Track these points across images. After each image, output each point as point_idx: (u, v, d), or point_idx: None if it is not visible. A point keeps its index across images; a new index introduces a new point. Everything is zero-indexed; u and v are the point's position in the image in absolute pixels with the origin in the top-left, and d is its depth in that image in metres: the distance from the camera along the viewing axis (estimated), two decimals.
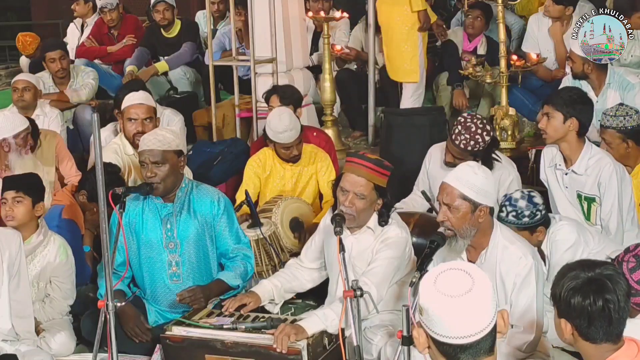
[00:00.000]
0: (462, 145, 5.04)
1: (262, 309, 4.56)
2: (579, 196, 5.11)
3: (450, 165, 4.98)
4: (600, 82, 6.10)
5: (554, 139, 5.07)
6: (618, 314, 2.77)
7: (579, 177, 5.05)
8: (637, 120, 5.25)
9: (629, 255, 3.41)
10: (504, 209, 4.42)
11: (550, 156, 5.23)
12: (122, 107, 5.82)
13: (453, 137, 5.09)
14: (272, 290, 4.60)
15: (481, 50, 7.74)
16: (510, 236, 4.06)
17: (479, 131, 5.04)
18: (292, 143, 5.63)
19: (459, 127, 5.07)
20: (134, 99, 5.79)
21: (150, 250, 4.78)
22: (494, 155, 5.20)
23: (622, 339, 2.83)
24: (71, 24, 9.53)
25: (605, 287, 2.76)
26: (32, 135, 6.03)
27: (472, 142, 5.03)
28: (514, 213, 4.40)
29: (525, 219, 4.40)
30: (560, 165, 5.15)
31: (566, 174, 5.12)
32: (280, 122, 5.56)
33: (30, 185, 5.03)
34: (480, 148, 5.05)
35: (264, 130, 5.74)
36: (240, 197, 5.69)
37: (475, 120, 5.08)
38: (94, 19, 9.26)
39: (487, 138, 5.06)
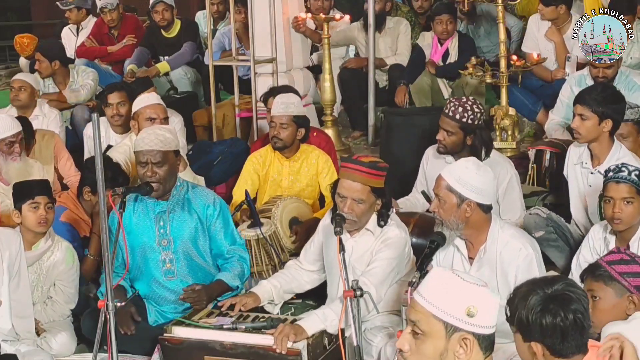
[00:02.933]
0: (457, 117, 5.05)
1: (261, 310, 4.55)
2: (601, 197, 5.07)
3: (441, 152, 5.15)
4: (609, 82, 6.10)
5: (587, 140, 5.05)
6: (587, 323, 2.74)
7: None
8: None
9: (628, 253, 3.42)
10: (624, 168, 4.29)
11: (577, 153, 5.20)
12: (137, 108, 5.85)
13: (447, 111, 5.11)
14: (272, 290, 4.59)
15: (452, 50, 7.68)
16: (510, 230, 4.10)
17: (470, 103, 5.10)
18: (277, 119, 5.63)
19: (453, 102, 5.14)
20: (151, 99, 5.88)
21: (143, 248, 4.79)
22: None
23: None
24: (65, 28, 9.50)
25: (572, 300, 2.72)
26: (26, 138, 5.97)
27: (462, 111, 5.05)
28: (637, 172, 4.27)
29: None
30: (586, 163, 5.13)
31: (592, 173, 5.10)
32: (284, 94, 5.76)
33: (50, 192, 5.03)
34: (471, 120, 5.05)
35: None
36: (237, 193, 5.69)
37: (466, 99, 5.17)
38: (88, 21, 9.27)
39: (476, 110, 5.08)
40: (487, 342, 2.57)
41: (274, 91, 6.26)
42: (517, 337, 2.79)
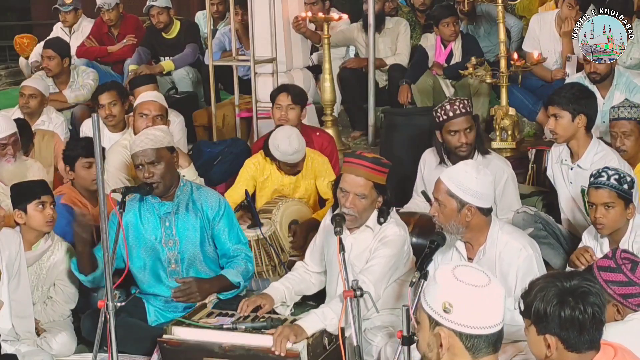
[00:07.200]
0: (469, 109, 5.13)
1: (272, 311, 4.52)
2: (582, 191, 5.10)
3: (465, 155, 5.12)
4: (608, 83, 6.10)
5: (565, 139, 5.10)
6: (603, 317, 2.74)
7: (583, 172, 5.04)
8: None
9: (619, 259, 3.42)
10: (604, 173, 4.30)
11: (557, 152, 5.28)
12: (135, 104, 5.90)
13: (458, 112, 5.11)
14: (285, 292, 4.56)
15: (456, 50, 7.67)
16: (510, 230, 4.12)
17: (460, 98, 5.22)
18: (300, 162, 5.63)
19: (447, 106, 5.16)
20: (147, 96, 5.89)
21: (149, 248, 4.79)
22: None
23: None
24: (56, 28, 9.33)
25: (590, 294, 2.71)
26: (23, 140, 5.93)
27: (467, 104, 5.15)
28: (616, 176, 4.27)
29: (626, 186, 4.27)
30: (566, 160, 5.19)
31: (571, 169, 5.16)
32: (290, 146, 5.50)
33: (52, 192, 5.03)
34: (469, 107, 5.16)
35: (266, 145, 5.61)
36: (231, 196, 5.64)
37: (455, 97, 5.31)
38: (80, 23, 9.25)
39: (467, 102, 5.18)
40: (474, 342, 2.55)
41: (286, 87, 6.20)
42: (530, 330, 2.78)
